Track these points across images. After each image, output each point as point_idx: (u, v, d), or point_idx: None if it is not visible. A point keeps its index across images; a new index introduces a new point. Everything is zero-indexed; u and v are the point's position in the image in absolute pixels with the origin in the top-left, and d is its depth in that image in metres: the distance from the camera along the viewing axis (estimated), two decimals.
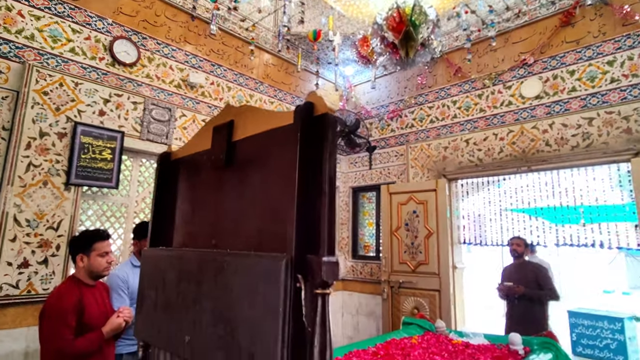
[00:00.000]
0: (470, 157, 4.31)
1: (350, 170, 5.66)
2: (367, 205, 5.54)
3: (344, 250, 5.45)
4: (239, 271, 0.95)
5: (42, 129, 2.93)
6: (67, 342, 1.74)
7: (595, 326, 5.78)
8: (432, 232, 4.33)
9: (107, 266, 1.99)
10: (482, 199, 4.37)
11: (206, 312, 1.03)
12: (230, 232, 1.12)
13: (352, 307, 5.17)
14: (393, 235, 4.63)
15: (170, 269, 1.22)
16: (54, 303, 1.81)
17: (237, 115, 1.19)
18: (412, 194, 4.57)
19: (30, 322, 2.72)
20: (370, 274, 5.10)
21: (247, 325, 0.90)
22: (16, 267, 2.74)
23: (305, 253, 0.87)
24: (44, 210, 2.89)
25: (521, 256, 3.54)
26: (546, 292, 3.33)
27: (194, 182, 1.36)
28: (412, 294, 4.32)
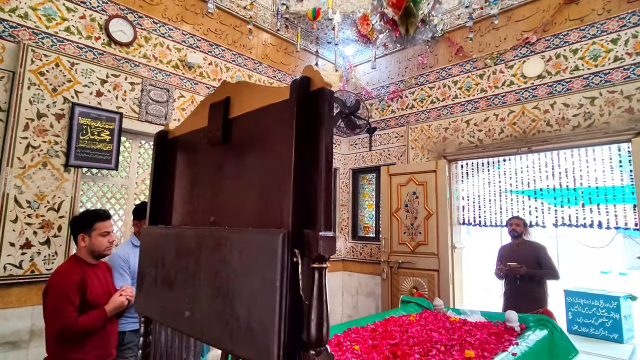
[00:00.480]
0: (470, 138, 4.29)
1: (350, 152, 5.65)
2: (367, 187, 5.55)
3: (344, 231, 5.49)
4: (237, 247, 0.96)
5: (40, 110, 2.91)
6: (70, 319, 1.77)
7: (591, 305, 5.87)
8: (432, 213, 4.35)
9: (109, 246, 2.01)
10: (482, 180, 4.37)
11: (205, 287, 1.04)
12: (228, 209, 1.13)
13: (352, 287, 5.25)
14: (393, 216, 4.65)
15: (169, 246, 1.23)
16: (57, 281, 1.83)
17: (234, 92, 1.18)
18: (412, 175, 4.57)
19: (35, 302, 2.77)
20: (370, 254, 5.15)
21: (246, 299, 0.91)
22: (19, 248, 2.77)
23: (302, 228, 0.87)
24: (44, 192, 2.90)
25: (520, 236, 3.56)
26: (546, 271, 3.37)
27: (191, 160, 1.36)
28: (411, 274, 4.37)
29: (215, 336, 0.98)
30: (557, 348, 2.11)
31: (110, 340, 1.96)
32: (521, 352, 1.80)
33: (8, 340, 2.67)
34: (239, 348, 0.91)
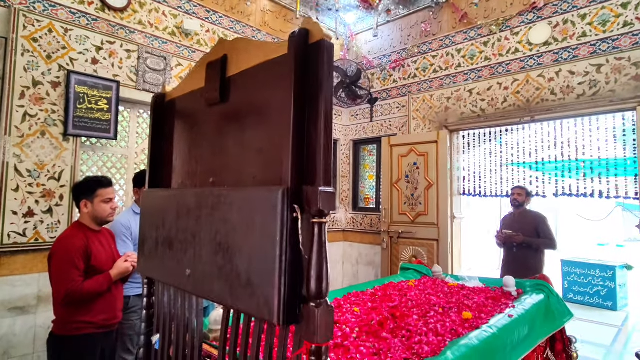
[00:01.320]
0: (473, 107, 4.23)
1: (351, 123, 5.59)
2: (367, 158, 5.53)
3: (345, 202, 5.52)
4: (237, 204, 0.96)
5: (35, 77, 2.86)
6: (76, 283, 1.80)
7: (587, 274, 5.98)
8: (432, 183, 4.35)
9: (112, 212, 2.02)
10: (483, 151, 4.35)
11: (206, 245, 1.05)
12: (228, 169, 1.12)
13: (352, 257, 5.32)
14: (393, 187, 4.66)
15: (169, 207, 1.24)
16: (61, 247, 1.85)
17: (231, 49, 1.14)
18: (413, 146, 4.54)
19: (40, 269, 2.81)
20: (370, 225, 5.19)
21: (246, 255, 0.92)
22: (21, 217, 2.79)
23: (301, 184, 0.87)
24: (44, 161, 2.90)
25: (522, 205, 3.57)
26: (543, 240, 3.40)
27: (189, 121, 1.34)
28: (411, 243, 4.42)
29: (217, 293, 1.00)
30: (552, 311, 2.15)
31: (116, 304, 2.00)
32: (517, 314, 1.84)
33: (16, 305, 2.74)
34: (240, 303, 0.92)
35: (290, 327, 0.87)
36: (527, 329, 1.86)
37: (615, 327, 4.97)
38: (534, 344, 1.89)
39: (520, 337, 1.78)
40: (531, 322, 1.93)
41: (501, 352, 1.57)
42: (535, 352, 1.98)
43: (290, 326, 0.86)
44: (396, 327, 1.57)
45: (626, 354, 4.06)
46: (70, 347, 1.83)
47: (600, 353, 4.05)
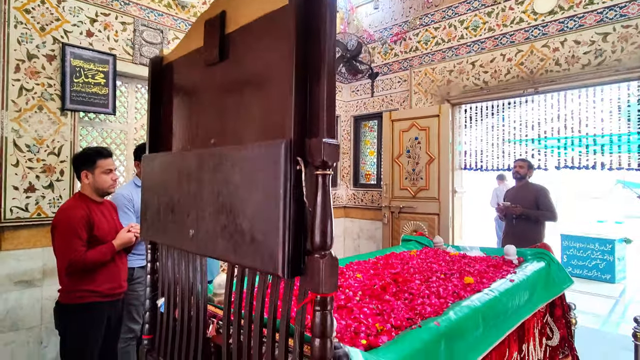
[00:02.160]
0: (475, 80, 4.17)
1: (352, 99, 5.53)
2: (368, 134, 5.49)
3: (345, 179, 5.51)
4: (239, 162, 0.95)
5: (30, 50, 2.81)
6: (79, 253, 1.81)
7: (586, 248, 6.03)
8: (434, 158, 4.33)
9: (112, 183, 2.01)
10: (485, 125, 4.31)
11: (209, 205, 1.04)
12: (229, 129, 1.10)
13: (354, 232, 5.36)
14: (394, 162, 4.64)
15: (170, 170, 1.23)
16: (64, 217, 1.85)
17: (229, 4, 1.11)
18: (415, 121, 4.50)
19: (44, 243, 2.83)
20: (372, 201, 5.20)
21: (250, 211, 0.91)
22: (23, 192, 2.78)
23: (304, 137, 0.86)
24: (42, 136, 2.87)
25: (523, 178, 3.56)
26: (543, 212, 3.40)
27: (188, 83, 1.31)
28: (412, 218, 4.44)
29: (221, 251, 1.00)
30: (553, 278, 2.17)
31: (120, 273, 2.02)
32: (519, 280, 1.86)
33: (22, 279, 2.77)
34: (244, 259, 0.92)
35: (295, 279, 0.87)
36: (527, 294, 1.88)
37: (613, 298, 5.04)
38: (534, 308, 1.91)
39: (521, 302, 1.80)
40: (532, 288, 1.95)
41: (502, 314, 1.59)
42: (535, 316, 2.01)
43: (295, 278, 0.86)
44: (398, 291, 1.58)
45: (623, 323, 4.13)
46: (76, 315, 1.86)
47: (598, 322, 4.12)
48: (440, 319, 1.27)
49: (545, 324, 2.16)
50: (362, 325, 1.21)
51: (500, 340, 1.53)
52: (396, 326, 1.22)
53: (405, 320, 1.26)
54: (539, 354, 2.04)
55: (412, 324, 1.24)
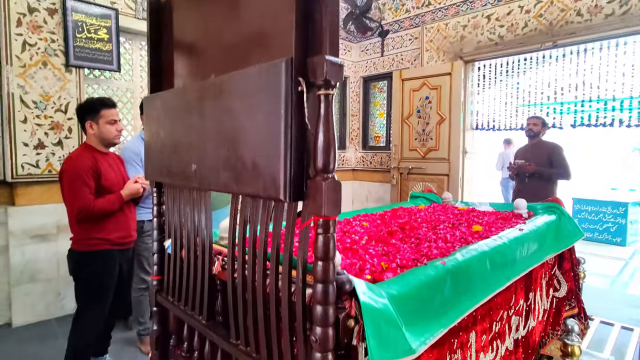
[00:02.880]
0: (490, 34, 3.99)
1: (361, 59, 5.37)
2: (378, 96, 5.37)
3: (354, 141, 5.45)
4: (239, 86, 0.91)
5: (30, 3, 2.75)
6: (88, 201, 1.83)
7: (598, 211, 5.96)
8: (444, 118, 4.23)
9: (117, 134, 2.00)
10: (498, 83, 4.16)
11: (210, 138, 1.02)
12: (230, 58, 1.06)
13: (362, 195, 5.36)
14: (404, 122, 4.56)
15: (172, 106, 1.20)
16: (71, 166, 1.86)
17: None
18: (426, 79, 4.37)
19: (57, 200, 2.88)
20: (380, 163, 5.16)
21: (251, 137, 0.89)
22: (32, 148, 2.81)
23: (306, 57, 0.81)
24: (48, 92, 2.86)
25: (537, 136, 3.46)
26: (556, 170, 3.32)
27: (189, 16, 1.26)
28: (421, 179, 4.40)
29: (223, 182, 0.98)
30: (563, 230, 2.14)
31: (129, 223, 2.05)
32: (528, 230, 1.83)
33: (37, 233, 2.85)
34: (246, 187, 0.91)
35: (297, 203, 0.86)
36: (536, 245, 1.86)
37: (623, 260, 5.02)
38: (542, 258, 1.90)
39: (530, 252, 1.78)
40: (541, 239, 1.92)
41: (510, 260, 1.57)
42: (542, 267, 2.00)
43: (297, 202, 0.85)
44: (405, 237, 1.57)
45: (631, 283, 4.13)
46: (87, 261, 1.90)
47: (606, 283, 4.12)
48: (446, 259, 1.26)
49: (553, 276, 2.15)
50: (367, 263, 1.21)
51: (506, 285, 1.52)
52: (401, 265, 1.21)
53: (411, 261, 1.25)
54: (545, 304, 2.05)
55: (418, 263, 1.23)
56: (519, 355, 1.74)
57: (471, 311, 1.28)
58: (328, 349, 0.80)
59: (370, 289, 0.92)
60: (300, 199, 0.83)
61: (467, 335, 1.32)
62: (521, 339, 1.76)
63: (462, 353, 1.29)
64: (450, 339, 1.21)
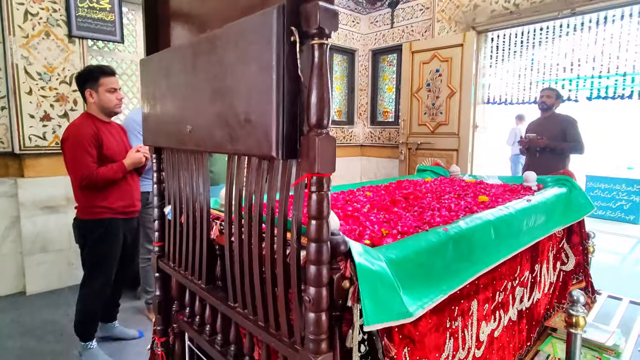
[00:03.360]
0: (505, 3, 3.81)
1: (370, 31, 5.22)
2: (387, 69, 5.24)
3: (362, 117, 5.37)
4: (231, 38, 0.88)
5: None
6: (90, 169, 1.83)
7: (611, 189, 5.83)
8: (455, 91, 4.11)
9: (118, 103, 1.98)
10: (512, 55, 4.00)
11: (204, 95, 0.99)
12: (222, 15, 1.02)
13: (370, 171, 5.31)
14: (413, 96, 4.45)
15: (166, 67, 1.17)
16: (72, 134, 1.86)
17: None
18: (436, 51, 4.23)
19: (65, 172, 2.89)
20: (389, 139, 5.09)
21: (243, 93, 0.85)
22: (39, 120, 2.81)
23: (299, 4, 0.77)
24: (52, 64, 2.84)
25: (550, 109, 3.34)
26: (569, 144, 3.22)
27: None
28: (430, 154, 4.33)
29: (217, 141, 0.96)
30: (573, 203, 2.09)
31: (133, 193, 2.06)
32: (536, 201, 1.78)
33: (47, 205, 2.89)
34: (239, 145, 0.88)
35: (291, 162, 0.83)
36: (544, 217, 1.82)
37: (635, 238, 4.93)
38: (550, 230, 1.85)
39: (537, 223, 1.74)
40: (550, 211, 1.87)
41: (516, 231, 1.54)
42: (550, 240, 1.96)
43: (291, 161, 0.82)
44: (408, 205, 1.54)
45: None
46: (92, 229, 1.92)
47: (617, 260, 4.06)
48: (449, 226, 1.23)
49: (561, 249, 2.11)
50: (366, 229, 1.19)
51: (511, 255, 1.49)
52: (402, 232, 1.19)
53: (412, 228, 1.23)
54: (552, 277, 2.02)
55: (419, 230, 1.20)
56: (522, 326, 1.73)
57: (473, 279, 1.26)
58: (322, 309, 0.79)
59: (367, 252, 0.90)
60: (293, 157, 0.80)
61: (469, 304, 1.31)
62: (525, 310, 1.75)
63: (462, 320, 1.27)
64: (451, 305, 1.20)
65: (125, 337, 2.28)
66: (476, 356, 1.37)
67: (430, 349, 1.10)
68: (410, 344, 1.01)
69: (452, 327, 1.22)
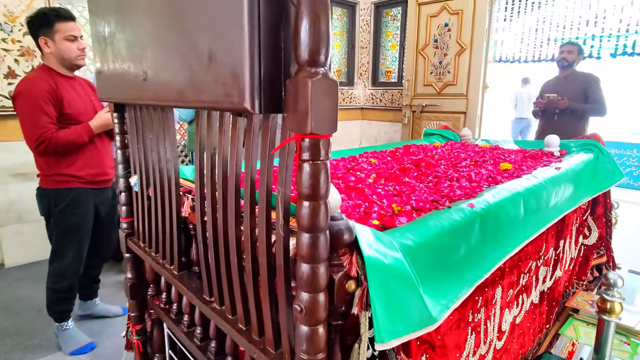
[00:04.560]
0: None
1: None
2: (390, 25, 4.83)
3: (363, 77, 5.02)
4: None
5: None
6: (47, 130, 1.57)
7: (622, 154, 5.61)
8: (465, 48, 3.77)
9: (80, 54, 1.69)
10: (531, 6, 3.63)
11: (160, 30, 0.73)
12: None
13: (371, 136, 5.05)
14: (419, 54, 4.10)
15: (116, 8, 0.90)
16: (25, 90, 1.58)
17: None
18: (446, 3, 3.84)
19: None
20: (391, 101, 4.78)
21: (206, 19, 0.60)
22: (3, 77, 2.52)
23: None
24: (13, 12, 2.50)
25: (571, 65, 3.03)
26: (592, 105, 2.95)
27: None
28: (435, 117, 4.05)
29: (177, 88, 0.71)
30: (601, 170, 1.87)
31: (103, 160, 1.81)
32: (564, 169, 1.56)
33: (19, 172, 2.65)
34: (203, 94, 0.63)
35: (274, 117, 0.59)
36: (572, 187, 1.60)
37: None
38: (578, 201, 1.64)
39: (565, 194, 1.52)
40: (577, 180, 1.65)
41: (546, 204, 1.32)
42: (575, 212, 1.76)
43: (273, 116, 0.58)
44: (421, 174, 1.31)
45: None
46: (56, 199, 1.70)
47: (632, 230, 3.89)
48: (474, 200, 1.01)
49: (584, 222, 1.91)
50: (374, 205, 0.96)
51: (540, 231, 1.28)
52: (418, 208, 0.97)
53: (429, 202, 1.00)
54: (573, 252, 1.83)
55: (439, 206, 0.98)
56: (542, 309, 1.55)
57: (501, 264, 1.05)
58: (318, 321, 0.57)
59: (379, 239, 0.68)
60: (276, 110, 0.56)
61: (493, 291, 1.11)
62: (547, 291, 1.57)
63: (485, 311, 1.08)
64: (475, 296, 1.00)
65: (108, 314, 2.12)
66: (497, 348, 1.19)
67: (451, 350, 0.91)
68: (429, 350, 0.81)
69: (475, 320, 1.03)
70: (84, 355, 1.84)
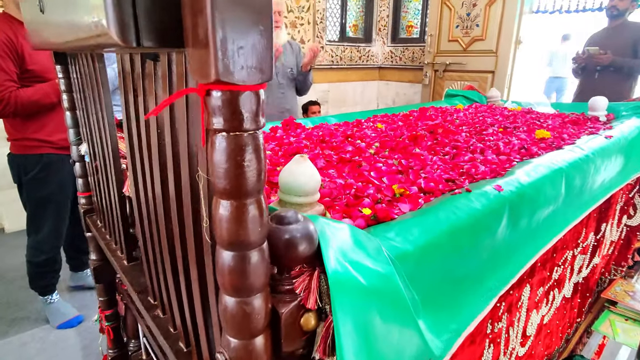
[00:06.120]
0: None
1: None
2: None
3: (382, 33, 4.60)
4: None
5: None
6: (6, 89, 1.37)
7: None
8: None
9: None
10: None
11: None
12: None
13: (388, 98, 4.70)
14: (444, 4, 3.67)
15: None
16: None
17: None
18: None
19: None
20: (412, 59, 4.38)
21: None
22: None
23: None
24: None
25: (622, 15, 2.59)
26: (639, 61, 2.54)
27: None
28: (459, 77, 3.68)
29: (69, 25, 0.48)
30: None
31: None
32: (616, 137, 1.27)
33: None
34: (81, 30, 0.40)
35: None
36: (622, 159, 1.32)
37: None
38: (629, 176, 1.37)
39: (615, 168, 1.25)
40: (629, 151, 1.37)
41: (591, 181, 1.06)
42: (621, 189, 1.48)
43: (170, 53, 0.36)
44: (436, 144, 1.07)
45: None
46: (27, 166, 1.54)
47: None
48: (502, 181, 0.77)
49: (630, 200, 1.63)
50: (369, 186, 0.74)
51: (583, 215, 1.04)
52: (427, 190, 0.74)
53: (442, 182, 0.77)
54: (614, 235, 1.57)
55: (455, 187, 0.75)
56: (574, 302, 1.33)
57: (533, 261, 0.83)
58: None
59: (360, 245, 0.46)
60: (172, 43, 0.33)
61: (520, 292, 0.89)
62: (582, 281, 1.34)
63: (508, 317, 0.87)
64: (496, 302, 0.78)
65: None
66: (519, 355, 0.99)
67: None
68: None
69: (495, 330, 0.82)
70: (72, 328, 1.76)
